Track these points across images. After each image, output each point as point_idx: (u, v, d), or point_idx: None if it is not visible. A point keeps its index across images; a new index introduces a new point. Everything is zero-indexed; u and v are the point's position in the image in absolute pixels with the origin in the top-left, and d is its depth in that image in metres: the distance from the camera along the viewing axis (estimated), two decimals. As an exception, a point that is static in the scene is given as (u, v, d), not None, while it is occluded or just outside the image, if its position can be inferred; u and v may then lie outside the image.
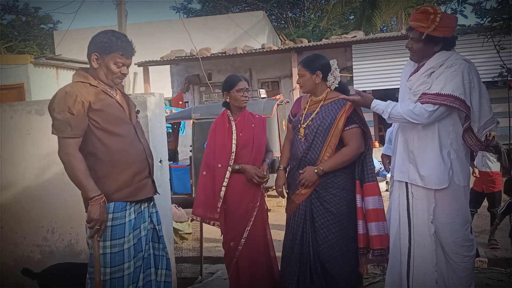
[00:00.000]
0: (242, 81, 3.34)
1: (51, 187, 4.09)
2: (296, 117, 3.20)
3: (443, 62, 2.70)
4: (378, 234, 2.89)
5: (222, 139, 3.31)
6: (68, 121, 2.40)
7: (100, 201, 2.40)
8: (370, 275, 4.30)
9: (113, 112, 2.55)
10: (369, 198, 2.93)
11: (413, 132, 2.80)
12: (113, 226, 2.49)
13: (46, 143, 4.09)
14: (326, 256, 2.99)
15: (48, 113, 4.06)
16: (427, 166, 2.74)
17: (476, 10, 3.04)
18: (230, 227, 3.28)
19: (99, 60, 2.54)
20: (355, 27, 16.08)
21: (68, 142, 2.41)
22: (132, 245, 2.56)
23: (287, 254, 3.12)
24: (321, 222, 3.01)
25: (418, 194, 2.80)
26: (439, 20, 2.61)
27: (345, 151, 3.00)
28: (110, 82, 2.60)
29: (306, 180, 3.00)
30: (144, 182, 2.63)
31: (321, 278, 2.99)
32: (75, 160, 2.40)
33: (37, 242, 4.18)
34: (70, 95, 2.42)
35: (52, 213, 4.12)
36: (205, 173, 3.33)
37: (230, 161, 3.24)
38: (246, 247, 3.24)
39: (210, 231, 6.87)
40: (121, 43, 2.54)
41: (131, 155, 2.58)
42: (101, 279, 2.48)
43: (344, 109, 3.01)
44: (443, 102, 2.61)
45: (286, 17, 24.15)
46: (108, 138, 2.50)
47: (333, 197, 3.00)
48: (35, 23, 23.75)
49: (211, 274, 4.94)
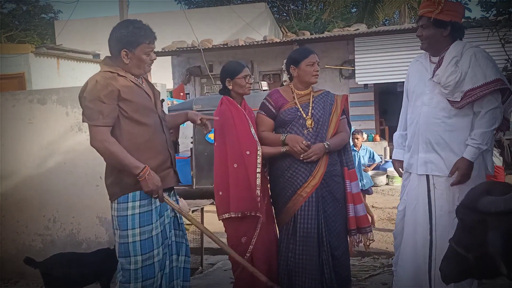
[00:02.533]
0: (246, 67, 3.24)
1: (52, 177, 4.10)
2: (288, 109, 3.14)
3: (463, 51, 2.80)
4: (364, 214, 3.19)
5: (243, 125, 3.11)
6: (100, 109, 2.43)
7: (146, 174, 2.45)
8: (370, 267, 4.33)
9: (141, 101, 2.58)
10: (353, 183, 3.17)
11: (442, 125, 2.86)
12: (141, 213, 2.54)
13: (48, 133, 4.10)
14: (336, 245, 3.07)
15: (49, 103, 4.14)
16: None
17: (481, 3, 3.02)
18: (241, 221, 3.07)
19: (129, 54, 2.55)
20: (357, 20, 16.01)
21: (101, 130, 2.44)
22: (160, 232, 2.61)
23: (302, 250, 3.06)
24: (330, 211, 3.08)
25: (441, 185, 2.86)
26: (444, 2, 2.75)
27: (343, 135, 3.18)
28: (142, 72, 2.63)
29: (315, 153, 3.02)
30: (166, 172, 2.68)
31: (331, 268, 3.04)
32: (111, 145, 2.43)
33: (39, 231, 4.20)
34: (101, 84, 2.45)
35: (53, 202, 4.13)
36: (237, 165, 3.06)
37: (257, 146, 3.05)
38: (261, 240, 3.11)
39: (210, 223, 6.90)
40: (144, 33, 2.56)
41: (156, 144, 2.62)
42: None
43: (336, 100, 3.21)
44: (495, 88, 2.71)
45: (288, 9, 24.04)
46: (135, 127, 2.53)
47: (336, 184, 3.12)
48: (36, 12, 23.63)
49: (211, 265, 4.96)
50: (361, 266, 4.29)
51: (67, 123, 4.05)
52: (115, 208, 2.56)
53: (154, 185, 2.48)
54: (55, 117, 4.08)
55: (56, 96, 4.08)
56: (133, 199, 2.53)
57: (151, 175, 2.47)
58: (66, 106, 4.05)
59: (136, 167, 2.45)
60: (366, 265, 4.39)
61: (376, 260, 4.61)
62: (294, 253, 3.06)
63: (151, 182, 2.46)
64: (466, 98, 2.76)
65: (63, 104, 4.05)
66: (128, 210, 2.53)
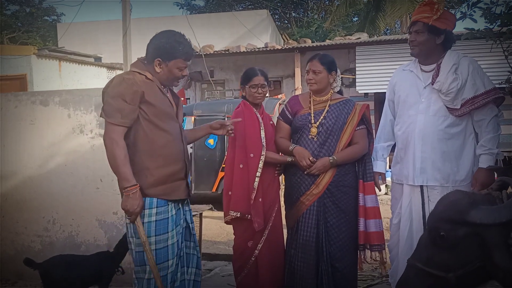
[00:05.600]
0: (257, 76, 3.21)
1: (53, 178, 4.10)
2: (301, 116, 3.16)
3: (459, 59, 2.84)
4: (376, 231, 3.04)
5: (253, 128, 3.14)
6: (120, 108, 2.40)
7: (131, 192, 2.37)
8: (368, 277, 4.32)
9: (164, 108, 2.54)
10: (368, 197, 3.07)
11: (440, 133, 2.86)
12: (158, 221, 2.47)
13: (50, 134, 4.10)
14: (337, 256, 3.03)
15: (52, 104, 4.15)
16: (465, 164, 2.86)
17: (485, 14, 3.04)
18: (250, 224, 3.08)
19: (162, 65, 2.54)
20: (359, 29, 16.07)
21: (115, 128, 2.40)
22: (175, 242, 2.53)
23: (300, 256, 3.07)
24: (333, 222, 3.04)
25: (435, 198, 2.81)
26: (441, 10, 2.77)
27: (355, 148, 3.09)
28: (169, 84, 2.63)
29: (318, 169, 3.01)
30: (179, 183, 2.60)
31: (330, 279, 3.02)
32: (118, 147, 2.38)
33: (38, 232, 4.18)
34: (127, 83, 2.43)
35: (53, 204, 4.13)
36: (242, 166, 3.11)
37: (262, 150, 3.09)
38: (267, 246, 3.12)
39: (209, 228, 6.90)
40: (183, 48, 2.54)
41: (173, 153, 2.56)
42: (161, 281, 2.43)
43: (355, 109, 3.12)
44: (495, 96, 2.78)
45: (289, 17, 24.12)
46: (154, 131, 2.49)
47: (344, 195, 3.06)
48: (38, 14, 23.65)
49: (209, 271, 4.93)
50: (360, 276, 4.27)
51: (68, 125, 4.05)
52: None
53: (132, 207, 2.38)
54: (57, 119, 4.08)
55: (59, 98, 4.08)
56: (150, 206, 2.46)
57: (136, 195, 2.38)
58: (68, 108, 4.05)
59: (127, 180, 2.38)
60: (364, 275, 4.37)
61: (375, 270, 4.59)
62: (295, 259, 3.08)
63: (131, 202, 2.37)
64: (468, 106, 2.77)
65: (65, 106, 4.06)
66: (145, 217, 2.46)
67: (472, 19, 3.10)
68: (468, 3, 2.96)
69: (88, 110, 3.98)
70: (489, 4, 3.04)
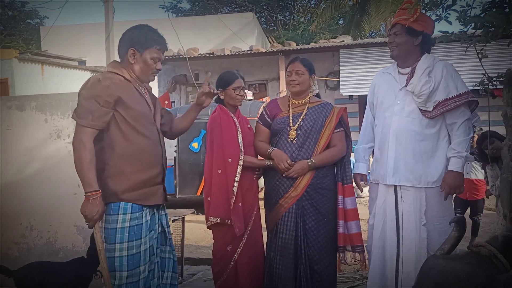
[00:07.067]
0: (238, 78, 3.25)
1: (30, 184, 4.05)
2: (279, 119, 3.18)
3: (434, 63, 2.89)
4: (357, 232, 3.09)
5: (230, 133, 3.14)
6: (92, 109, 2.35)
7: (91, 198, 2.32)
8: (349, 279, 4.33)
9: (141, 110, 2.50)
10: (348, 199, 3.10)
11: (413, 134, 2.89)
12: (131, 227, 2.42)
13: (26, 139, 4.05)
14: (316, 258, 3.05)
15: (28, 109, 4.09)
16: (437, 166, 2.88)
17: (460, 17, 3.06)
18: (230, 228, 3.09)
19: (136, 55, 2.50)
20: (344, 32, 16.14)
21: (85, 130, 2.36)
22: (148, 248, 2.49)
23: (278, 259, 3.08)
24: (311, 224, 3.06)
25: (408, 198, 2.88)
26: (419, 12, 2.87)
27: (334, 150, 3.13)
28: (145, 78, 2.58)
29: (296, 172, 3.02)
30: (156, 187, 2.56)
31: (309, 282, 3.03)
32: (85, 150, 2.33)
33: (15, 239, 4.12)
34: (102, 85, 2.39)
35: (30, 210, 4.07)
36: (220, 171, 3.11)
37: (240, 155, 3.09)
38: (246, 250, 3.12)
39: (192, 232, 6.87)
40: (157, 37, 2.53)
41: (151, 157, 2.52)
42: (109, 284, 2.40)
43: (333, 112, 3.17)
44: (466, 99, 2.82)
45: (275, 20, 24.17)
46: (133, 135, 2.45)
47: (322, 198, 3.08)
48: (21, 17, 23.36)
49: (191, 275, 4.91)
50: (341, 277, 4.28)
51: (46, 130, 4.00)
52: (104, 219, 2.44)
53: (91, 213, 2.33)
54: (34, 124, 4.02)
55: (35, 102, 4.03)
56: (124, 212, 2.42)
57: (96, 202, 2.33)
58: (45, 113, 4.00)
59: (89, 184, 2.33)
60: (345, 276, 4.38)
61: (356, 272, 4.61)
62: (274, 262, 3.09)
63: (90, 209, 2.33)
64: (440, 108, 2.81)
65: (42, 111, 4.01)
66: (118, 222, 2.41)
67: (448, 21, 3.11)
68: (443, 6, 2.98)
69: (65, 114, 3.93)
70: (465, 7, 3.06)
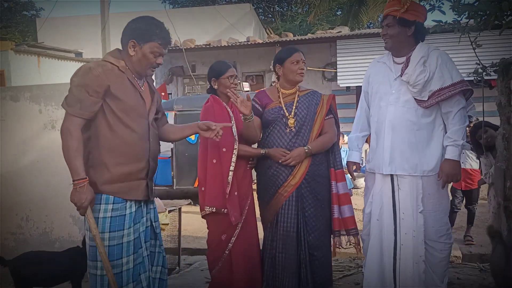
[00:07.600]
0: (231, 67, 3.24)
1: (25, 175, 4.06)
2: (272, 109, 3.18)
3: (428, 52, 2.88)
4: (351, 215, 3.15)
5: (224, 122, 3.07)
6: (81, 98, 2.32)
7: (79, 185, 2.30)
8: (345, 268, 4.35)
9: (131, 103, 2.45)
10: (340, 184, 3.16)
11: (408, 123, 2.90)
12: (113, 217, 2.39)
13: (21, 130, 4.06)
14: (316, 245, 3.09)
15: (23, 100, 4.09)
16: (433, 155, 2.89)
17: (454, 6, 3.06)
18: (224, 218, 3.09)
19: (136, 47, 2.45)
20: (342, 23, 16.10)
21: (72, 119, 2.33)
22: (132, 240, 2.45)
23: (281, 248, 3.09)
24: (311, 211, 3.10)
25: (405, 186, 2.90)
26: (409, 2, 2.85)
27: (326, 137, 3.17)
28: (142, 71, 2.52)
29: (294, 159, 3.04)
30: (137, 182, 2.50)
31: (308, 268, 3.06)
32: (71, 138, 2.31)
33: (11, 229, 4.14)
34: (93, 73, 2.35)
35: (26, 200, 4.09)
36: (215, 161, 3.09)
37: (234, 144, 3.07)
38: (241, 239, 3.12)
39: (190, 223, 6.89)
40: (160, 32, 2.46)
41: (135, 151, 2.47)
42: (113, 277, 2.37)
43: (322, 100, 3.21)
44: (462, 88, 2.80)
45: (273, 11, 24.08)
46: (118, 127, 2.40)
47: (319, 185, 3.13)
48: (17, 9, 23.28)
49: (188, 265, 4.94)
50: (337, 266, 4.31)
51: (40, 121, 4.00)
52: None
53: (79, 201, 2.30)
54: (28, 114, 4.03)
55: (29, 93, 4.02)
56: (106, 202, 2.40)
57: (83, 189, 2.30)
58: (39, 104, 4.00)
59: (77, 172, 2.30)
60: (341, 265, 4.41)
61: (352, 261, 4.64)
62: (276, 251, 3.12)
63: (79, 196, 2.30)
64: (435, 98, 2.82)
65: (36, 101, 4.00)
66: (100, 212, 2.39)
67: (441, 11, 3.12)
68: (437, -5, 2.97)
69: (59, 105, 3.90)
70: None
